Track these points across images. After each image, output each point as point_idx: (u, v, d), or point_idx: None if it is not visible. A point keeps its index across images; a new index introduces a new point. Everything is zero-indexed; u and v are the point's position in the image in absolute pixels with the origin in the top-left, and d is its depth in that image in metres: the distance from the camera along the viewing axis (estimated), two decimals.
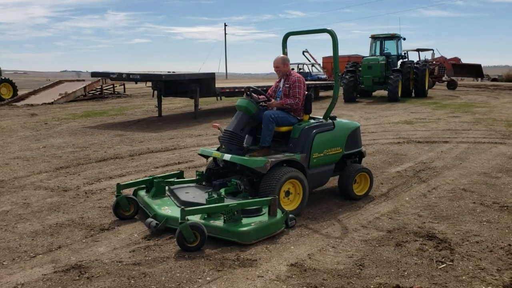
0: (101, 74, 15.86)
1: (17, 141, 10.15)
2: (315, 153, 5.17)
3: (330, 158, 5.36)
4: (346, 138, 5.49)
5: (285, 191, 4.83)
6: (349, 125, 5.69)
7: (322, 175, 5.37)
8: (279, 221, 4.32)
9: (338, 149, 5.42)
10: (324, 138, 5.27)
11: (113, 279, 3.38)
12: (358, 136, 5.73)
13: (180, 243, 3.87)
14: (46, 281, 3.36)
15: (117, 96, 25.28)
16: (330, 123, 5.42)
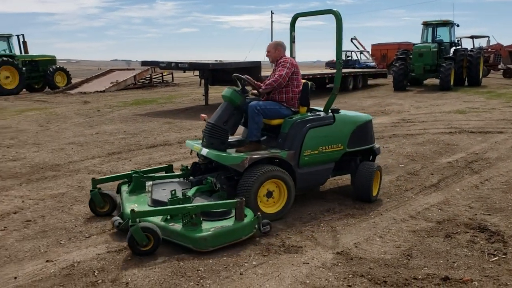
0: (150, 63, 16.23)
1: (71, 127, 10.60)
2: (307, 150, 4.59)
3: (327, 156, 4.75)
4: (350, 134, 4.85)
5: (268, 191, 4.35)
6: (356, 118, 5.03)
7: (317, 174, 4.78)
8: (247, 226, 3.81)
9: (339, 146, 4.80)
10: (319, 133, 4.68)
11: (163, 260, 3.49)
12: (368, 131, 5.07)
13: (131, 247, 3.56)
14: (100, 260, 3.51)
15: (165, 84, 25.82)
16: (329, 116, 4.79)
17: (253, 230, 3.87)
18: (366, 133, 5.05)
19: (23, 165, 6.79)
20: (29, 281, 3.19)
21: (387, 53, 34.51)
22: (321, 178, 4.90)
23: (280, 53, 4.94)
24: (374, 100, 15.93)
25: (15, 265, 3.46)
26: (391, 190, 5.31)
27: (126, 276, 3.25)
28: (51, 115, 12.82)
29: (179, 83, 26.59)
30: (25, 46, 22.50)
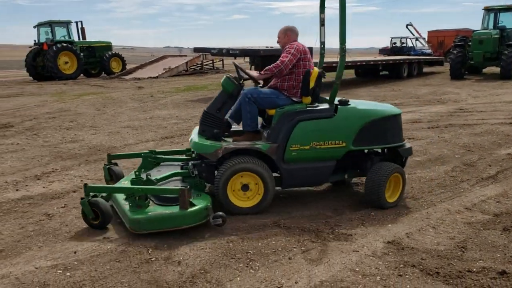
0: (202, 49, 16.45)
1: (126, 111, 10.95)
2: (295, 145, 4.19)
3: (323, 153, 4.26)
4: (357, 130, 4.28)
5: (243, 184, 4.15)
6: (370, 112, 4.42)
7: (311, 173, 4.32)
8: (190, 216, 3.69)
9: (339, 142, 4.26)
10: (313, 127, 4.24)
11: (213, 241, 3.56)
12: (389, 128, 4.44)
13: (84, 219, 3.83)
14: (154, 239, 3.61)
15: (216, 71, 26.11)
16: (328, 109, 4.32)
17: (202, 221, 3.75)
18: (384, 130, 4.41)
19: (82, 146, 7.11)
20: (88, 256, 3.36)
21: (444, 40, 33.17)
22: (315, 177, 4.41)
23: (290, 39, 4.60)
24: (429, 89, 15.39)
25: (75, 241, 3.64)
26: (446, 181, 5.14)
27: (178, 255, 3.35)
28: (107, 99, 13.30)
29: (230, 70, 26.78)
30: (83, 32, 23.37)
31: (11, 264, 3.24)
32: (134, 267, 3.18)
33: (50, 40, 21.29)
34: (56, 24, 21.72)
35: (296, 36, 4.67)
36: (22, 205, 4.49)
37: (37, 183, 5.20)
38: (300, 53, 4.41)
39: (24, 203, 4.55)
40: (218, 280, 3.01)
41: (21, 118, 10.12)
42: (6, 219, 4.11)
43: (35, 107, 11.94)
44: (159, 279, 3.02)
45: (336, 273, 3.09)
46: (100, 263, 3.23)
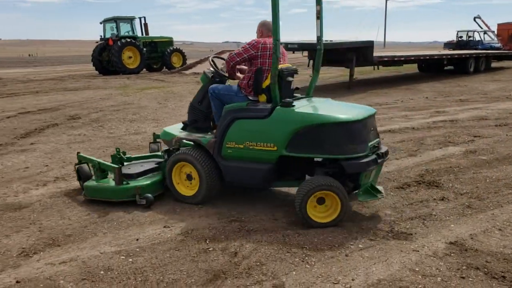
0: None
1: (186, 105, 11.15)
2: (231, 142, 4.10)
3: (256, 154, 4.01)
4: (291, 134, 3.84)
5: (187, 173, 4.33)
6: (310, 116, 3.86)
7: (247, 173, 4.11)
8: (118, 191, 4.31)
9: (271, 145, 3.93)
10: (248, 126, 4.06)
11: (269, 235, 3.59)
12: (332, 136, 3.78)
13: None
14: (212, 229, 3.71)
15: None
16: (264, 109, 4.02)
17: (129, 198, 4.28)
18: (323, 138, 3.79)
19: (144, 138, 7.36)
20: (149, 244, 3.48)
21: None
22: (250, 177, 4.14)
23: (262, 34, 4.41)
24: (498, 84, 14.60)
25: (137, 228, 3.79)
26: None
27: (235, 246, 3.40)
28: (168, 93, 13.67)
29: None
30: (146, 28, 24.11)
31: (78, 248, 3.43)
32: (192, 256, 3.26)
33: (115, 35, 22.16)
34: (121, 20, 22.56)
35: (269, 31, 4.32)
36: None
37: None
38: (257, 50, 4.19)
39: None
40: (274, 273, 3.02)
41: (88, 110, 10.63)
42: (75, 206, 4.34)
43: (101, 100, 12.50)
44: (216, 269, 3.08)
45: (394, 272, 3.02)
46: (161, 251, 3.35)
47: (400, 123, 8.25)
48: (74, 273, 3.05)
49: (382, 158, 3.98)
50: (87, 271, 3.06)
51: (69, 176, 5.28)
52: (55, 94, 14.17)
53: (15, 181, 5.13)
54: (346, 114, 3.88)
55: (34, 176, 5.33)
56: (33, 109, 10.92)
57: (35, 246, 3.48)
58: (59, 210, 4.22)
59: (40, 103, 12.07)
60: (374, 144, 3.96)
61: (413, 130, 7.56)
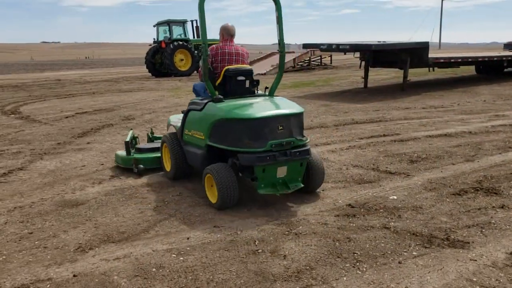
0: (311, 45, 16.40)
1: None
2: (186, 129, 4.90)
3: (196, 141, 4.73)
4: (210, 126, 4.37)
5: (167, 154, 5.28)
6: (220, 112, 4.28)
7: (192, 155, 4.80)
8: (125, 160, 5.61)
9: (201, 135, 4.57)
10: (193, 117, 4.75)
11: (319, 239, 3.54)
12: (234, 130, 4.17)
13: None
14: (260, 231, 3.71)
15: (323, 67, 25.91)
16: (201, 102, 4.64)
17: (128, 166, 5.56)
18: (229, 131, 4.24)
19: None
20: (199, 243, 3.52)
21: None
22: (193, 159, 4.83)
23: (223, 37, 4.87)
24: None
25: (188, 227, 3.85)
26: None
27: (284, 249, 3.37)
28: None
29: (337, 66, 26.44)
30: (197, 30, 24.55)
31: (132, 245, 3.52)
32: (241, 257, 3.27)
33: (167, 38, 22.73)
34: (173, 23, 23.11)
35: (228, 35, 4.85)
36: (142, 191, 4.85)
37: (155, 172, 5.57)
38: (212, 56, 4.74)
39: (143, 190, 4.90)
40: (324, 277, 2.97)
41: (141, 111, 10.94)
42: (128, 204, 4.47)
43: (153, 101, 12.84)
44: (265, 271, 3.07)
45: (450, 282, 2.89)
46: (211, 250, 3.38)
47: (457, 126, 7.94)
48: (127, 269, 3.13)
49: (288, 156, 4.16)
50: (139, 268, 3.14)
51: (123, 175, 5.44)
52: (110, 95, 14.71)
53: (72, 178, 5.34)
54: (251, 112, 4.21)
55: (90, 174, 5.53)
56: (89, 109, 11.38)
57: (91, 242, 3.61)
58: (113, 208, 4.36)
59: (96, 103, 12.56)
60: (280, 142, 4.16)
61: (470, 135, 7.25)
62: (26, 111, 11.55)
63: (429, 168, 5.44)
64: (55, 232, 3.80)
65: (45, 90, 17.25)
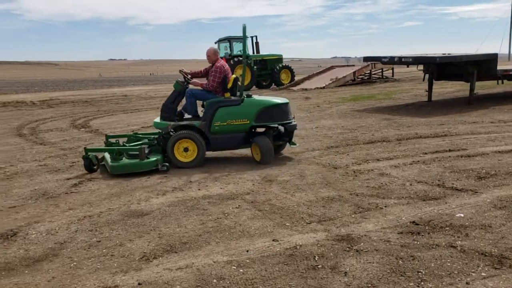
0: (372, 58, 16.16)
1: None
2: (217, 122, 6.56)
3: (233, 127, 6.62)
4: (257, 112, 6.64)
5: (184, 147, 6.54)
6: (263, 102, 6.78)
7: (227, 140, 6.70)
8: (146, 164, 6.23)
9: (245, 120, 6.62)
10: (228, 111, 6.59)
11: (381, 256, 3.45)
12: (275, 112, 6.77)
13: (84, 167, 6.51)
14: (320, 247, 3.67)
15: (385, 80, 25.38)
16: (237, 100, 6.69)
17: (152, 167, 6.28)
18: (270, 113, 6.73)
19: None
20: (259, 256, 3.54)
21: None
22: (232, 143, 6.79)
23: (217, 57, 7.03)
24: None
25: (247, 240, 3.88)
26: None
27: (345, 266, 3.32)
28: None
29: (399, 79, 25.79)
30: (257, 46, 24.92)
31: (193, 256, 3.60)
32: (301, 272, 3.25)
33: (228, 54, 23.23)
34: (234, 39, 23.59)
35: (218, 55, 7.17)
36: (203, 203, 4.96)
37: (216, 184, 5.69)
38: (223, 73, 6.82)
39: (205, 201, 5.01)
40: None
41: None
42: (190, 215, 4.58)
43: None
44: (326, 287, 3.03)
45: None
46: (270, 264, 3.39)
47: None
48: (189, 279, 3.20)
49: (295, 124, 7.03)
50: (201, 279, 3.20)
51: (185, 187, 5.59)
52: None
53: (138, 190, 5.56)
54: (279, 101, 6.85)
55: (154, 185, 5.73)
56: None
57: (155, 251, 3.72)
58: (176, 219, 4.49)
59: None
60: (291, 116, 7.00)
61: None
62: (95, 125, 12.18)
63: (499, 185, 5.17)
64: (121, 241, 3.96)
65: (112, 105, 18.14)
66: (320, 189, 5.33)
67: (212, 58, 6.99)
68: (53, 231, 4.25)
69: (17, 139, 10.15)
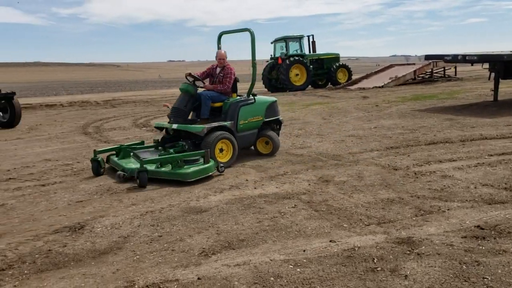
0: (434, 56, 15.63)
1: (351, 120, 11.15)
2: (241, 120, 6.96)
3: (252, 124, 7.16)
4: (265, 109, 7.34)
5: (219, 148, 6.59)
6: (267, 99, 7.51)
7: (249, 138, 7.16)
8: (211, 167, 6.08)
9: (260, 117, 7.25)
10: (248, 109, 7.07)
11: (443, 261, 3.33)
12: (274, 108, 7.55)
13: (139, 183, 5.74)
14: (379, 249, 3.60)
15: (447, 79, 24.45)
16: (252, 99, 7.21)
17: (215, 170, 6.18)
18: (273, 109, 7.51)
19: (309, 152, 7.52)
20: (316, 256, 3.53)
21: None
22: (250, 140, 7.25)
23: (224, 60, 7.38)
24: None
25: (304, 240, 3.87)
26: None
27: (405, 269, 3.23)
28: (333, 109, 13.77)
29: (462, 78, 24.76)
30: (313, 45, 24.77)
31: (251, 253, 3.64)
32: (359, 274, 3.20)
33: (284, 54, 23.23)
34: (290, 39, 23.57)
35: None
36: (259, 201, 5.00)
37: (271, 183, 5.72)
38: (234, 74, 7.37)
39: (261, 200, 5.05)
40: None
41: None
42: (247, 213, 4.64)
43: None
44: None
45: None
46: (327, 264, 3.36)
47: None
48: (247, 276, 3.24)
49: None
50: (258, 276, 3.23)
51: (242, 185, 5.66)
52: None
53: (197, 187, 5.69)
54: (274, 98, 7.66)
55: (212, 183, 5.85)
56: None
57: (213, 247, 3.80)
58: (233, 216, 4.56)
59: None
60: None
61: None
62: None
63: None
64: (181, 236, 4.08)
65: None
66: (379, 190, 5.22)
67: (225, 61, 7.37)
68: (117, 225, 4.44)
69: (83, 137, 10.68)
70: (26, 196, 5.60)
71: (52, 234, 4.25)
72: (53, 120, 14.59)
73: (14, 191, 5.84)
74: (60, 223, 4.57)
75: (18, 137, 11.03)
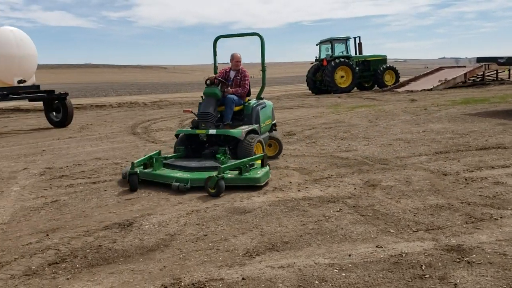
0: (487, 59, 15.09)
1: (398, 124, 10.91)
2: (262, 123, 7.21)
3: (267, 127, 7.48)
4: (272, 112, 7.76)
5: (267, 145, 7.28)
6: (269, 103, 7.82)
7: (265, 140, 7.27)
8: (269, 170, 6.08)
9: (270, 120, 7.64)
10: (264, 112, 7.36)
11: (496, 270, 3.20)
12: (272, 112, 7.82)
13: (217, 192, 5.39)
14: (428, 256, 3.50)
15: (500, 82, 23.49)
16: (263, 102, 7.52)
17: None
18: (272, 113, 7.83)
19: (355, 156, 7.42)
20: (361, 261, 3.47)
21: None
22: (266, 142, 7.32)
23: (238, 63, 7.40)
24: None
25: (349, 244, 3.82)
26: None
27: (455, 277, 3.13)
28: (380, 112, 13.52)
29: None
30: (360, 47, 24.42)
31: (295, 256, 3.63)
32: (407, 280, 3.13)
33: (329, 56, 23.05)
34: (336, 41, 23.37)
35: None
36: (303, 204, 4.98)
37: (315, 186, 5.68)
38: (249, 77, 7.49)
39: (305, 203, 5.03)
40: None
41: (302, 127, 11.26)
42: (290, 215, 4.63)
43: (313, 117, 13.09)
44: None
45: None
46: (373, 270, 3.30)
47: None
48: (291, 278, 3.24)
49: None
50: (303, 279, 3.22)
51: (285, 187, 5.66)
52: None
53: (239, 188, 5.73)
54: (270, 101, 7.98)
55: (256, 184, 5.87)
56: None
57: (257, 248, 3.82)
58: (277, 218, 4.56)
59: None
60: None
61: None
62: None
63: None
64: (226, 236, 4.12)
65: None
66: (428, 196, 5.08)
67: (240, 64, 7.41)
68: (164, 223, 4.55)
69: (132, 137, 11.00)
70: (78, 193, 5.82)
71: (102, 230, 4.41)
72: (103, 120, 15.12)
73: (67, 188, 6.09)
74: (110, 219, 4.72)
75: (70, 136, 11.51)
